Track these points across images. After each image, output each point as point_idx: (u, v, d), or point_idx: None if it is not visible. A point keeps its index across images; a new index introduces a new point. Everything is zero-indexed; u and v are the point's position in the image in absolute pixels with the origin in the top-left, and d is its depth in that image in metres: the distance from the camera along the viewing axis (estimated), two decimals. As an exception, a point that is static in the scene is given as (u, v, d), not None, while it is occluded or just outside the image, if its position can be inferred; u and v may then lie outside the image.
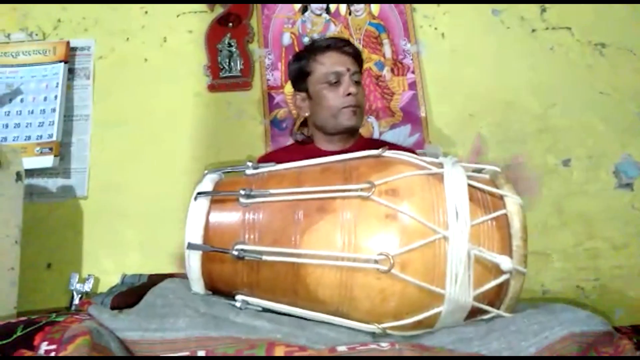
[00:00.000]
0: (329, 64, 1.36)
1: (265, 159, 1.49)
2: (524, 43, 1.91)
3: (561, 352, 0.65)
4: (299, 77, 1.42)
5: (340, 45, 1.39)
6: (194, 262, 0.77)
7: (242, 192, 0.77)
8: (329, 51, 1.38)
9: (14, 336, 0.68)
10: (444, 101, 1.88)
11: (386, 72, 1.90)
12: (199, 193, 0.79)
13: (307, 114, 1.44)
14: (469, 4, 1.93)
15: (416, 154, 0.92)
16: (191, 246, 0.76)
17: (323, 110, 1.37)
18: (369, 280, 0.73)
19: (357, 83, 1.37)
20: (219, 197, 0.80)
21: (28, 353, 0.66)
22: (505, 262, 0.72)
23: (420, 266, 0.72)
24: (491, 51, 1.91)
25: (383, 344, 0.67)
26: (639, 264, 1.73)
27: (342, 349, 0.65)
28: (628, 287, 1.72)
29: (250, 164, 0.86)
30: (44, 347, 0.66)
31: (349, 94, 1.33)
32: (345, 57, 1.37)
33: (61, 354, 0.64)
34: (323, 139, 1.42)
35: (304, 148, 1.45)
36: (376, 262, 0.71)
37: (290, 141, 1.82)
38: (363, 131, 1.65)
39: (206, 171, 0.87)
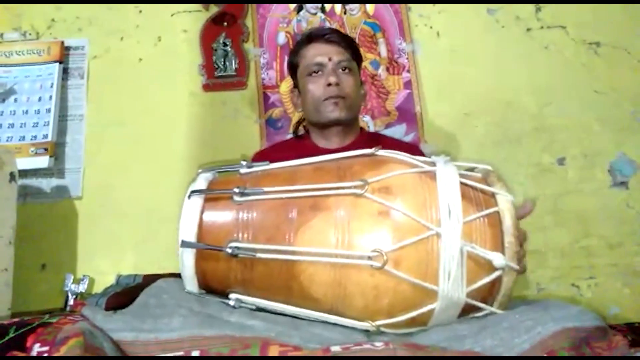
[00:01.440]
0: (310, 55, 1.32)
1: (261, 154, 1.47)
2: (519, 42, 1.92)
3: (554, 347, 0.65)
4: (291, 73, 1.41)
5: (323, 34, 1.34)
6: (187, 260, 0.77)
7: (236, 190, 0.77)
8: (311, 42, 1.33)
9: (6, 338, 0.68)
10: (439, 100, 1.88)
11: (381, 71, 1.90)
12: (192, 191, 0.79)
13: (301, 110, 1.41)
14: (464, 4, 1.94)
15: (420, 151, 0.92)
16: (185, 244, 0.76)
17: (308, 104, 1.33)
18: (363, 277, 0.73)
19: (347, 72, 1.31)
20: (212, 196, 0.80)
21: (20, 355, 0.66)
22: (497, 259, 0.72)
23: (414, 263, 0.72)
24: (487, 50, 1.91)
25: (377, 344, 0.67)
26: (634, 262, 1.73)
27: (335, 349, 0.65)
28: (623, 285, 1.72)
29: (244, 162, 0.86)
30: (36, 349, 0.66)
31: (329, 85, 1.27)
32: (328, 46, 1.31)
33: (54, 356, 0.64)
34: (318, 134, 1.38)
35: (301, 144, 1.41)
36: (370, 258, 0.72)
37: (286, 137, 1.83)
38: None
39: (200, 170, 0.87)
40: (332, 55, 1.30)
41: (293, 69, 1.39)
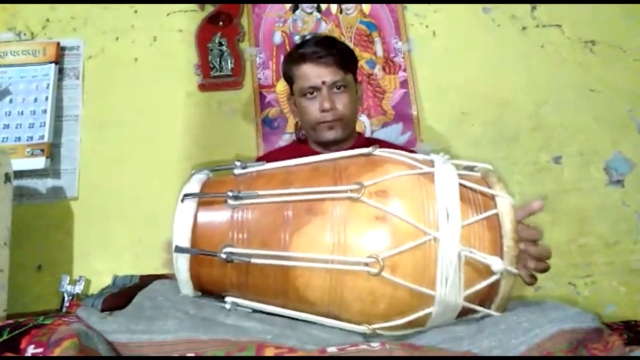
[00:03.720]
0: (304, 77, 1.32)
1: (263, 159, 1.47)
2: (515, 41, 1.92)
3: (551, 350, 0.65)
4: (287, 82, 1.42)
5: (316, 55, 1.31)
6: (182, 265, 0.76)
7: (230, 194, 0.76)
8: (304, 63, 1.33)
9: (0, 340, 0.67)
10: (435, 99, 1.89)
11: (378, 71, 1.90)
12: (185, 195, 0.78)
13: (297, 119, 1.44)
14: (460, 3, 1.94)
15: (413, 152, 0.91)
16: (178, 249, 0.75)
17: (304, 122, 1.37)
18: (359, 283, 0.72)
19: (343, 89, 1.33)
20: (206, 199, 0.79)
21: (14, 356, 0.65)
22: (496, 263, 0.71)
23: (411, 268, 0.71)
24: (482, 49, 1.92)
25: (373, 344, 0.66)
26: (630, 261, 1.74)
27: (332, 350, 0.65)
28: (619, 283, 1.73)
29: (238, 163, 0.84)
30: (30, 350, 0.65)
31: (323, 110, 1.30)
32: (321, 68, 1.31)
33: (48, 358, 0.64)
34: (315, 143, 1.42)
35: (301, 149, 1.43)
36: (366, 264, 0.70)
37: (283, 140, 1.83)
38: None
39: (193, 171, 0.86)
40: (325, 77, 1.30)
41: (288, 80, 1.41)
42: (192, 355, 0.66)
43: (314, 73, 1.31)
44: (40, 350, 0.65)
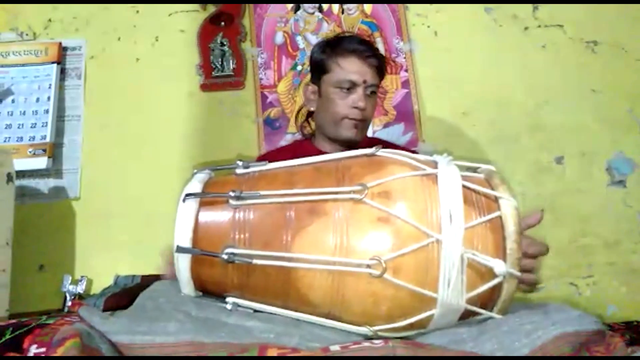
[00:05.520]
0: (347, 70, 1.30)
1: (265, 157, 1.46)
2: (516, 41, 1.92)
3: (554, 353, 0.64)
4: (316, 70, 1.38)
5: (366, 54, 1.31)
6: (183, 265, 0.76)
7: (232, 194, 0.75)
8: (352, 56, 1.31)
9: (3, 339, 0.68)
10: (437, 99, 1.89)
11: (379, 71, 1.90)
12: (187, 195, 0.78)
13: (312, 109, 1.41)
14: (461, 3, 1.94)
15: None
16: (180, 249, 0.75)
17: (327, 114, 1.34)
18: (361, 285, 0.71)
19: (372, 95, 1.33)
20: (208, 199, 0.79)
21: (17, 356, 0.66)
22: (498, 266, 0.71)
23: (413, 270, 0.71)
24: (484, 49, 1.91)
25: (376, 342, 0.67)
26: (632, 261, 1.74)
27: (335, 348, 0.65)
28: (621, 283, 1.73)
29: (240, 163, 0.84)
30: (33, 350, 0.66)
31: (355, 107, 1.29)
32: (367, 67, 1.30)
33: (51, 357, 0.64)
34: (324, 140, 1.39)
35: (306, 148, 1.42)
36: (368, 266, 0.70)
37: (284, 140, 1.83)
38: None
39: (195, 170, 0.86)
40: (367, 77, 1.30)
41: (320, 69, 1.36)
42: (195, 356, 0.66)
43: (359, 69, 1.30)
44: (42, 349, 0.65)
